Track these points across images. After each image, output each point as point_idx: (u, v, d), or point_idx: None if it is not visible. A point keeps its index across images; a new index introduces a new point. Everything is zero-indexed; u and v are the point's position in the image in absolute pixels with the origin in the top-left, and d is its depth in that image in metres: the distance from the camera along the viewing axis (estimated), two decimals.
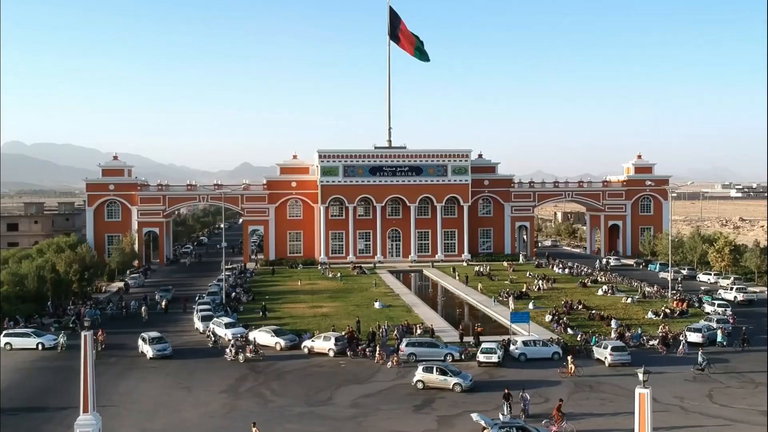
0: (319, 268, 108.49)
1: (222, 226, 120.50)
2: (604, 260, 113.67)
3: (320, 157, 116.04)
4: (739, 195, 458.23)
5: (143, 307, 71.70)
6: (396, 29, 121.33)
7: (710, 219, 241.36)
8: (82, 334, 32.83)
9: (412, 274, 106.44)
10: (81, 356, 33.39)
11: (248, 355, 52.98)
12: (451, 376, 45.18)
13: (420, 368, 46.34)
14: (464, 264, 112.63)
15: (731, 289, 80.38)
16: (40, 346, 57.40)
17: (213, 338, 58.34)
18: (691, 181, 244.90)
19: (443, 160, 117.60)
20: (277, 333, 57.59)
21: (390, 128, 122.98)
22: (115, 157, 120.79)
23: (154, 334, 56.54)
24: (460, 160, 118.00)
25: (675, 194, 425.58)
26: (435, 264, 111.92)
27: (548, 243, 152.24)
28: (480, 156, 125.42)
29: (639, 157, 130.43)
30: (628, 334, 58.17)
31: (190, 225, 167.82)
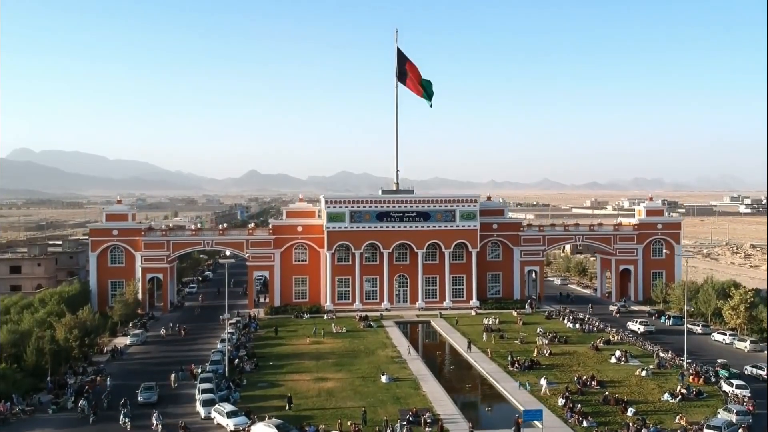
0: (326, 317, 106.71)
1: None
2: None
3: (327, 202, 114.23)
4: (748, 211, 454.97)
5: (172, 375, 71.67)
6: (404, 73, 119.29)
7: (720, 245, 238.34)
8: None
9: (420, 327, 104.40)
10: None
11: None
12: None
13: None
14: (473, 313, 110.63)
15: (636, 321, 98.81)
16: None
17: None
18: (704, 246, 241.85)
19: (451, 206, 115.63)
20: (281, 429, 55.26)
21: (397, 170, 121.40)
22: (119, 201, 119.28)
23: None
24: (469, 206, 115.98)
25: (683, 209, 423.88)
26: (443, 313, 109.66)
27: (558, 281, 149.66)
28: (488, 198, 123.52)
29: (650, 199, 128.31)
30: (644, 431, 55.96)
31: (195, 259, 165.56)
